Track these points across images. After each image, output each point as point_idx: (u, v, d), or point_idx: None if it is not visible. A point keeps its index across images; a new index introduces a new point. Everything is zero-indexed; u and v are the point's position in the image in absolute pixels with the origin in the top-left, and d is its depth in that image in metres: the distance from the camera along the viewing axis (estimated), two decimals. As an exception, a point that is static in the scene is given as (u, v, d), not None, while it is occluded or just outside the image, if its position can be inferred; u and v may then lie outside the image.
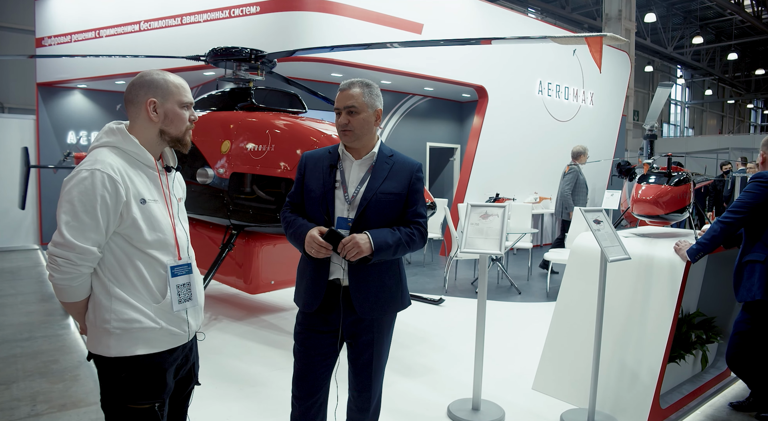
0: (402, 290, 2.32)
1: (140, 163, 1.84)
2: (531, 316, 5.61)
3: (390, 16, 7.75)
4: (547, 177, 10.63)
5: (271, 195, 4.41)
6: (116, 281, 1.77)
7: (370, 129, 2.23)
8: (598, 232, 3.04)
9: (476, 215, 3.23)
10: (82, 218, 1.68)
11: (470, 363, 3.63)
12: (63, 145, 9.51)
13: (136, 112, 1.85)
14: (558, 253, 6.53)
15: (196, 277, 1.98)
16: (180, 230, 1.92)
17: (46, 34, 9.26)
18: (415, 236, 2.23)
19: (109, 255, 1.77)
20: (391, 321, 2.36)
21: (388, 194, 2.20)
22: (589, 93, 11.42)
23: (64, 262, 1.68)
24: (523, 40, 3.30)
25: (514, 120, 9.76)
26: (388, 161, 2.25)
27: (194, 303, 1.93)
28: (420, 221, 2.26)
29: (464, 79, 8.91)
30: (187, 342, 1.96)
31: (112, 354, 1.76)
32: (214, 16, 7.51)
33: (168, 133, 1.87)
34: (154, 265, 1.82)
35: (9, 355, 4.15)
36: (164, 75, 1.87)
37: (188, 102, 1.90)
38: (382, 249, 2.11)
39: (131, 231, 1.76)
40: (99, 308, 1.77)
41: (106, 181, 1.70)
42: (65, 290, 1.74)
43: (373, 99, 2.22)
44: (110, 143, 1.82)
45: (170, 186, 1.93)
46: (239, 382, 3.66)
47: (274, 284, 4.99)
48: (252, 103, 5.00)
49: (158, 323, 1.80)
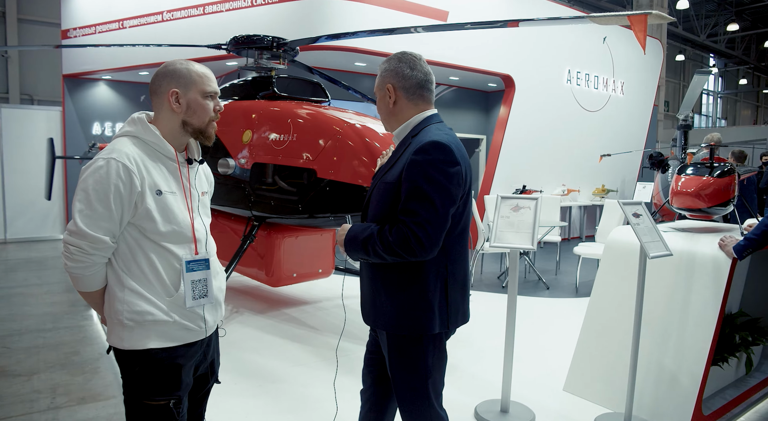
0: (395, 307, 1.85)
1: (160, 155, 1.79)
2: (560, 312, 5.43)
3: (414, 3, 7.57)
4: (576, 169, 10.36)
5: (293, 186, 4.31)
6: (129, 272, 1.73)
7: (387, 111, 1.96)
8: (637, 226, 2.86)
9: (507, 207, 3.07)
10: (96, 206, 1.65)
11: (496, 361, 3.49)
12: (88, 136, 9.59)
13: (160, 102, 1.81)
14: (588, 247, 6.31)
15: (216, 273, 1.90)
16: (199, 224, 1.86)
17: (71, 26, 9.31)
18: (391, 240, 1.73)
19: (123, 245, 1.73)
20: (403, 343, 1.87)
21: (386, 184, 1.85)
22: (620, 82, 11.07)
23: (77, 250, 1.65)
24: (554, 21, 3.08)
25: (542, 110, 9.51)
26: (407, 143, 1.88)
27: (210, 300, 1.84)
28: (405, 220, 1.73)
29: (490, 67, 8.69)
30: (205, 338, 1.88)
31: (125, 347, 1.72)
32: (236, 5, 7.42)
33: (191, 124, 1.81)
34: (168, 257, 1.76)
35: (32, 345, 4.14)
36: (188, 64, 1.81)
37: (212, 92, 1.83)
38: (349, 244, 1.86)
39: (145, 222, 1.71)
40: (112, 299, 1.73)
41: (121, 170, 1.66)
42: (79, 279, 1.72)
43: (383, 76, 1.94)
44: (130, 133, 1.78)
45: (191, 179, 1.87)
46: (258, 378, 3.57)
47: (296, 276, 4.91)
48: (274, 92, 4.89)
49: (171, 317, 1.74)
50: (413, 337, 1.86)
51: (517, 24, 3.12)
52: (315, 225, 4.58)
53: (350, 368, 3.00)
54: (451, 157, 1.77)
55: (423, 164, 1.74)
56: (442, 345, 1.94)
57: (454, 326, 1.93)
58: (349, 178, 3.89)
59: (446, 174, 1.75)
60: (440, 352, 1.93)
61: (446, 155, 1.76)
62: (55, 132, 9.28)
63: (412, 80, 1.91)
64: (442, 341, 1.94)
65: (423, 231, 1.71)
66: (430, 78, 1.96)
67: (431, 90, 1.98)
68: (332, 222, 4.26)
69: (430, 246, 1.74)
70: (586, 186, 10.63)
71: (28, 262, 7.42)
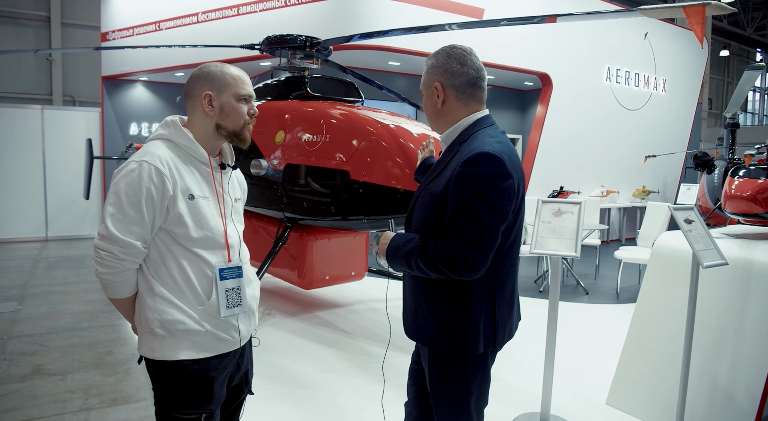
0: (438, 323, 1.72)
1: (193, 158, 1.74)
2: (600, 319, 5.22)
3: (449, 1, 7.44)
4: (615, 169, 10.05)
5: (326, 187, 4.24)
6: (160, 280, 1.67)
7: (435, 112, 1.79)
8: (689, 233, 2.68)
9: (548, 211, 2.92)
10: (127, 210, 1.60)
11: (535, 370, 3.35)
12: (126, 137, 9.76)
13: (193, 105, 1.76)
14: (629, 251, 6.07)
15: (249, 280, 1.83)
16: (232, 230, 1.79)
17: (110, 29, 9.47)
18: (435, 257, 1.59)
19: (154, 251, 1.68)
20: (444, 360, 1.75)
21: (431, 194, 1.71)
22: (662, 79, 10.69)
23: (108, 255, 1.60)
24: (595, 15, 2.87)
25: (580, 109, 9.25)
26: (454, 149, 1.72)
27: (244, 308, 1.78)
28: (452, 237, 1.58)
29: (527, 66, 8.48)
30: (239, 348, 1.82)
31: (156, 357, 1.67)
32: (270, 5, 7.42)
33: (224, 128, 1.76)
34: (200, 264, 1.70)
35: (67, 344, 4.18)
36: (222, 67, 1.75)
37: (246, 94, 1.77)
38: (391, 255, 1.74)
39: (176, 227, 1.66)
40: (143, 307, 1.68)
41: (153, 173, 1.61)
42: (109, 285, 1.67)
43: (431, 73, 1.78)
44: (164, 136, 1.74)
45: (224, 184, 1.81)
46: (289, 383, 3.51)
47: (329, 279, 4.85)
48: (307, 92, 4.84)
49: (203, 326, 1.68)
50: (456, 355, 1.74)
51: (555, 19, 2.96)
52: (348, 227, 4.51)
53: (384, 377, 2.89)
54: (502, 169, 1.60)
55: (471, 178, 1.58)
56: (486, 364, 1.81)
57: (500, 344, 1.79)
58: (383, 180, 3.79)
59: (497, 189, 1.59)
60: (484, 371, 1.80)
61: (497, 168, 1.59)
62: (94, 132, 9.48)
63: (463, 78, 1.75)
64: (487, 361, 1.81)
65: (470, 251, 1.56)
66: (482, 74, 1.78)
67: (484, 88, 1.80)
68: (366, 225, 4.18)
69: (478, 267, 1.59)
70: (626, 187, 10.30)
71: (68, 260, 7.57)
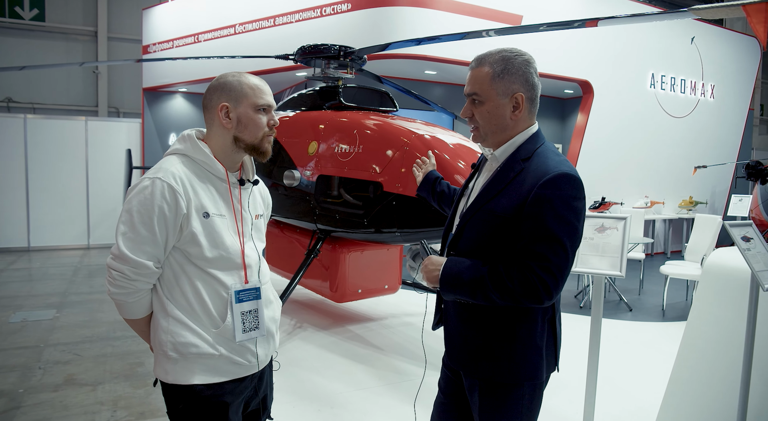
0: (498, 353, 1.59)
1: (209, 174, 1.66)
2: (645, 338, 4.95)
3: (486, 8, 7.29)
4: (660, 179, 9.67)
5: (359, 199, 4.15)
6: (174, 300, 1.60)
7: (503, 124, 1.61)
8: (747, 252, 2.46)
9: (590, 227, 2.76)
10: (139, 229, 1.53)
11: (576, 392, 3.17)
12: (165, 147, 9.95)
13: (211, 118, 1.69)
14: (676, 266, 5.78)
15: (269, 302, 1.74)
16: (251, 249, 1.71)
17: (151, 42, 9.71)
18: (514, 283, 1.47)
19: (168, 271, 1.61)
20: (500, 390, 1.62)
21: (494, 216, 1.56)
22: (710, 85, 10.26)
23: (119, 275, 1.54)
24: (638, 18, 2.68)
25: (623, 117, 8.94)
26: (517, 167, 1.58)
27: (262, 332, 1.69)
28: (532, 265, 1.47)
29: (567, 73, 8.25)
30: (257, 372, 1.73)
31: (170, 380, 1.60)
32: (305, 16, 7.43)
33: (243, 140, 1.67)
34: (214, 285, 1.62)
35: (100, 354, 4.20)
36: (240, 76, 1.67)
37: (265, 104, 1.67)
38: (450, 284, 1.57)
39: (190, 246, 1.58)
40: (157, 328, 1.62)
41: (166, 191, 1.53)
42: (122, 306, 1.61)
43: (509, 80, 1.58)
44: (179, 151, 1.66)
45: (243, 201, 1.72)
46: (317, 402, 3.42)
47: (362, 292, 4.76)
48: (340, 102, 4.78)
49: (217, 350, 1.60)
50: (513, 383, 1.62)
51: (596, 23, 2.80)
52: (381, 240, 4.41)
53: (415, 394, 2.76)
54: (581, 192, 1.54)
55: (554, 201, 1.48)
56: (542, 389, 1.69)
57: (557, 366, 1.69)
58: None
59: (576, 211, 1.52)
60: (540, 397, 1.68)
61: (578, 190, 1.52)
62: (135, 143, 9.69)
63: (537, 90, 1.63)
64: (543, 386, 1.68)
65: (551, 278, 1.46)
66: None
67: None
68: (399, 238, 4.07)
69: (557, 293, 1.49)
70: (672, 198, 9.88)
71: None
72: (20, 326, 4.89)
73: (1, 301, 5.79)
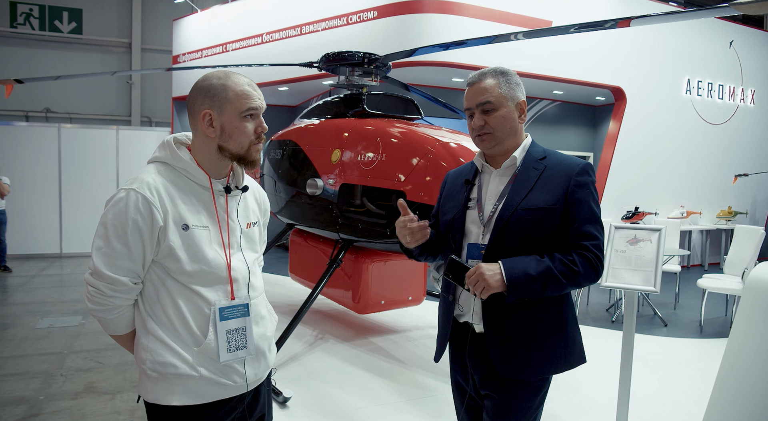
0: (565, 340, 1.71)
1: (191, 183, 1.54)
2: (681, 355, 4.71)
3: (514, 14, 7.17)
4: (696, 188, 9.34)
5: (382, 208, 4.07)
6: (155, 317, 1.51)
7: (514, 128, 1.74)
8: (795, 267, 2.29)
9: (622, 239, 2.61)
10: (114, 244, 1.44)
11: (606, 414, 2.99)
12: (193, 156, 10.07)
13: (194, 124, 1.57)
14: (715, 279, 5.51)
15: (259, 318, 1.63)
16: (239, 262, 1.58)
17: (181, 52, 9.86)
18: (578, 266, 1.60)
19: (149, 286, 1.52)
20: (541, 383, 1.73)
21: (534, 210, 1.65)
22: (750, 91, 9.89)
23: (95, 292, 1.47)
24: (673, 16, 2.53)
25: (657, 124, 8.67)
26: (538, 166, 1.71)
27: (250, 351, 1.57)
28: (587, 245, 1.63)
29: (599, 79, 8.05)
30: (246, 392, 1.61)
31: (150, 399, 1.51)
32: (332, 24, 7.43)
33: (228, 150, 1.54)
34: (196, 301, 1.51)
35: (121, 362, 4.20)
36: (226, 79, 1.52)
37: (251, 109, 1.53)
38: (520, 283, 1.58)
39: (168, 261, 1.49)
40: (138, 345, 1.54)
41: (140, 203, 1.44)
42: (103, 322, 1.54)
43: (513, 89, 1.74)
44: (159, 159, 1.56)
45: (230, 210, 1.60)
46: (336, 416, 3.30)
47: (385, 303, 4.66)
48: (364, 110, 4.71)
49: (197, 371, 1.49)
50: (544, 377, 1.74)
51: (629, 23, 2.66)
52: (404, 251, 4.31)
53: (437, 412, 2.65)
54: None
55: (590, 186, 1.69)
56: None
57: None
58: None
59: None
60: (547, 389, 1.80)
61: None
62: (164, 151, 9.84)
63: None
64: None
65: (601, 254, 1.67)
66: None
67: None
68: (422, 248, 3.97)
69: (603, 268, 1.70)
70: (709, 208, 9.52)
71: (135, 275, 7.79)
72: (47, 332, 4.94)
73: (30, 306, 5.88)
